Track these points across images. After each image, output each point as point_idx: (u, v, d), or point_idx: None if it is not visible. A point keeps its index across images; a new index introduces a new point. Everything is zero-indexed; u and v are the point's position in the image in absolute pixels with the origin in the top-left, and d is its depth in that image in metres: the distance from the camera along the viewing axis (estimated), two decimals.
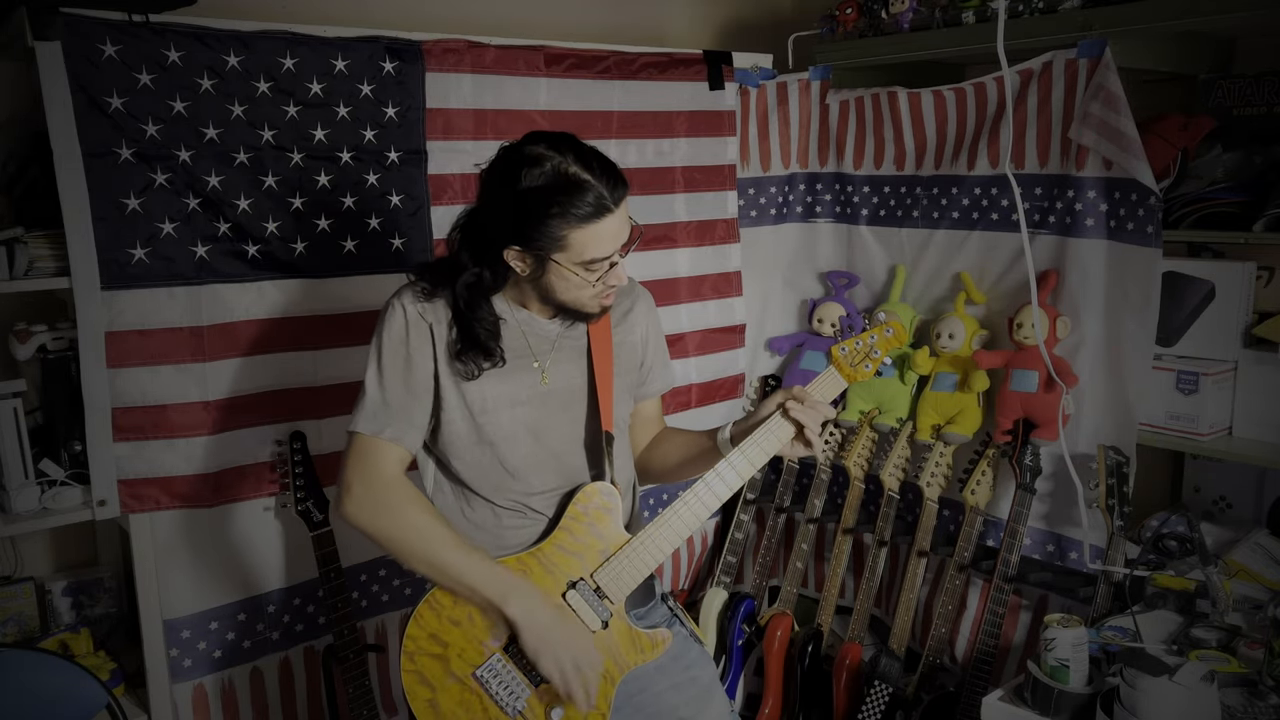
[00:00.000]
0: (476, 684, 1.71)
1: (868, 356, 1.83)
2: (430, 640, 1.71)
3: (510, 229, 1.63)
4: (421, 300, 1.72)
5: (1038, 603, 2.55)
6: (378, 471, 1.70)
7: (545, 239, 1.61)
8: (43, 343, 2.18)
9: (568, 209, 1.59)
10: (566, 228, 1.60)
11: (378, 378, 1.71)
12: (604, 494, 1.78)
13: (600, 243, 1.63)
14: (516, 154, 1.64)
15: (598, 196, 1.60)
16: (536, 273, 1.67)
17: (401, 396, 1.71)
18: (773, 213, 3.03)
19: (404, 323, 1.71)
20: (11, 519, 2.09)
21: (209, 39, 2.11)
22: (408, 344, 1.70)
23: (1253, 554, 2.27)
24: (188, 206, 2.14)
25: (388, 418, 1.70)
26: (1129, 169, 2.25)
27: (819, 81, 2.91)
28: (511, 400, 1.75)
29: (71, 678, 2.02)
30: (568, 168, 1.61)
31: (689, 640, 1.91)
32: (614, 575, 1.75)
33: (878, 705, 2.55)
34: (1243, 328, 2.30)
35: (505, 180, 1.63)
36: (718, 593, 2.88)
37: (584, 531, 1.76)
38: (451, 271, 1.71)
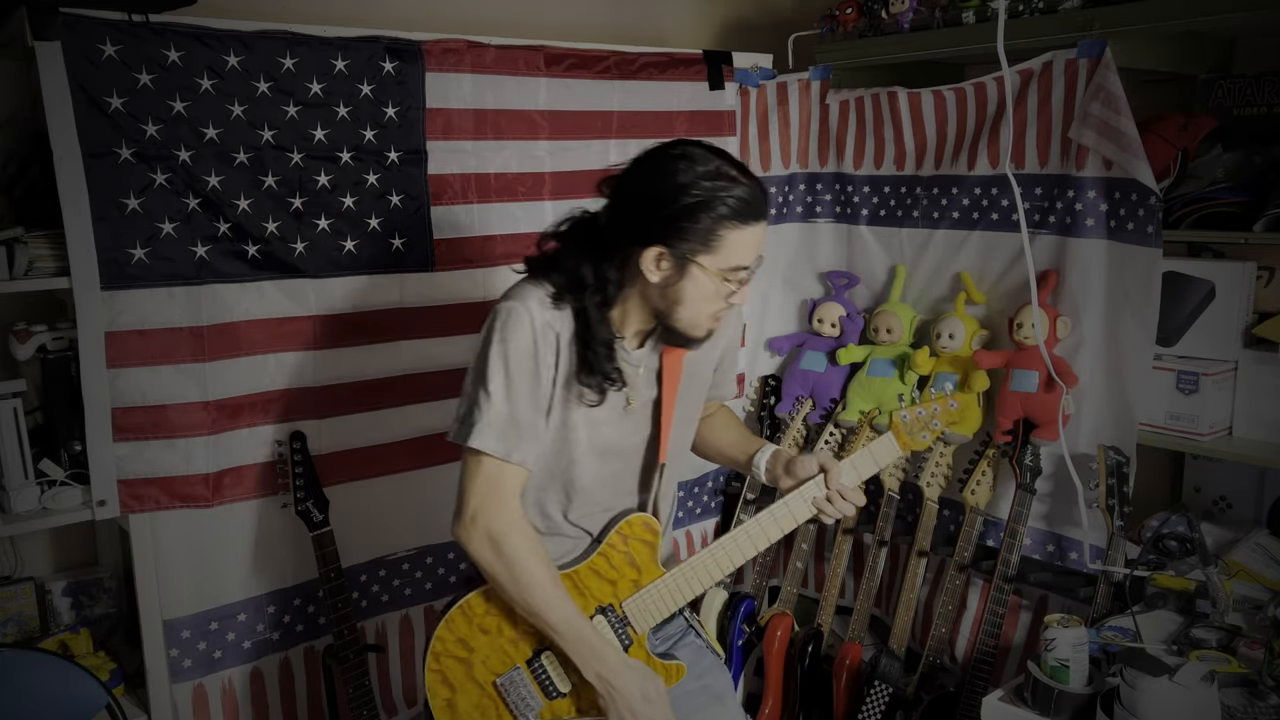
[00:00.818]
0: (495, 691, 1.73)
1: (927, 426, 1.91)
2: (458, 644, 1.73)
3: (660, 227, 1.59)
4: (550, 308, 1.65)
5: (1038, 603, 2.55)
6: (506, 507, 1.67)
7: (699, 237, 1.58)
8: (43, 343, 2.18)
9: (730, 205, 1.58)
10: (724, 226, 1.58)
11: (505, 391, 1.64)
12: (647, 526, 1.79)
13: (747, 249, 1.63)
14: (670, 152, 1.62)
15: (755, 198, 1.61)
16: (671, 279, 1.62)
17: (530, 414, 1.66)
18: (773, 213, 3.03)
19: (532, 332, 1.64)
20: (11, 519, 2.09)
21: (209, 39, 2.11)
22: (536, 356, 1.65)
23: (1253, 554, 2.27)
24: (188, 206, 2.14)
25: (517, 438, 1.65)
26: (1129, 169, 2.25)
27: (819, 81, 2.91)
28: (594, 420, 1.73)
29: (71, 678, 2.02)
30: (728, 169, 1.60)
31: (703, 650, 1.93)
32: (642, 606, 1.77)
33: (878, 705, 2.55)
34: (1243, 328, 2.30)
35: (660, 175, 1.59)
36: (718, 593, 2.88)
37: (621, 559, 1.77)
38: (571, 283, 1.65)
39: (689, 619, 1.94)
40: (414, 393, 2.47)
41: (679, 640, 1.90)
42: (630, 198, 1.64)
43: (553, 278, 1.67)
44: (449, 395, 2.52)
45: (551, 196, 2.62)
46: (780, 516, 1.82)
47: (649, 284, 1.64)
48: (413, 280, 2.43)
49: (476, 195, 2.50)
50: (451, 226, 2.47)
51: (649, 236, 1.60)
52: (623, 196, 1.65)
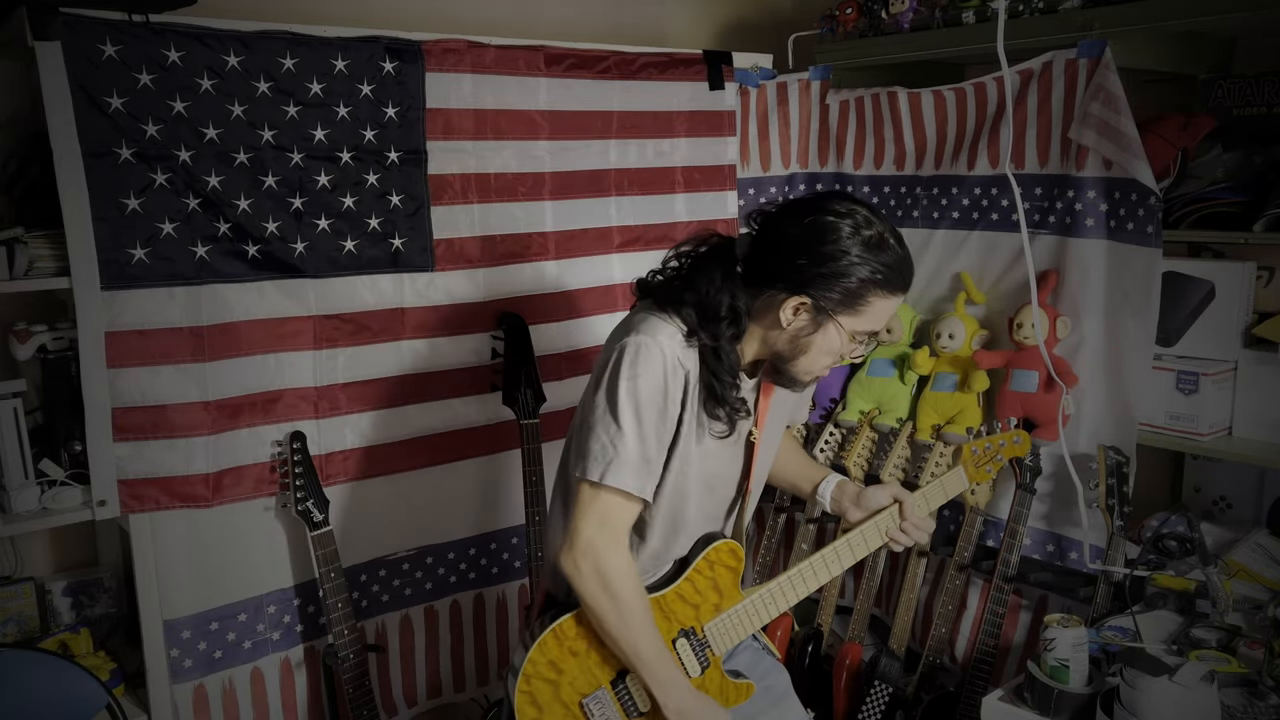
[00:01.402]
0: (580, 712, 1.75)
1: (992, 460, 2.00)
2: (549, 666, 1.74)
3: (812, 280, 1.60)
4: (682, 345, 1.65)
5: (1038, 603, 2.55)
6: (618, 543, 1.67)
7: (848, 298, 1.61)
8: (43, 343, 2.18)
9: (885, 275, 1.60)
10: (873, 293, 1.61)
11: (637, 430, 1.63)
12: (733, 553, 1.81)
13: (886, 316, 1.66)
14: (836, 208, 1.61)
15: (908, 272, 1.64)
16: (804, 330, 1.64)
17: (656, 452, 1.66)
18: None
19: (663, 370, 1.63)
20: (11, 519, 2.09)
21: (209, 39, 2.11)
22: (666, 394, 1.64)
23: (1253, 554, 2.27)
24: (188, 206, 2.14)
25: (647, 477, 1.66)
26: (1129, 169, 2.25)
27: (819, 81, 2.91)
28: (709, 452, 1.74)
29: (71, 678, 2.02)
30: (889, 238, 1.62)
31: (762, 653, 1.97)
32: (722, 630, 1.80)
33: (878, 705, 2.55)
34: (1243, 328, 2.30)
35: (825, 231, 1.59)
36: None
37: (705, 585, 1.80)
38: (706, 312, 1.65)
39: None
40: (414, 393, 2.47)
41: (740, 646, 1.91)
42: (787, 244, 1.63)
43: (682, 310, 1.66)
44: (449, 395, 2.52)
45: (551, 197, 2.62)
46: (855, 545, 1.88)
47: (779, 328, 1.66)
48: (413, 280, 2.43)
49: (476, 195, 2.50)
50: (451, 226, 2.47)
51: (798, 286, 1.62)
52: (778, 239, 1.65)
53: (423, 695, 2.63)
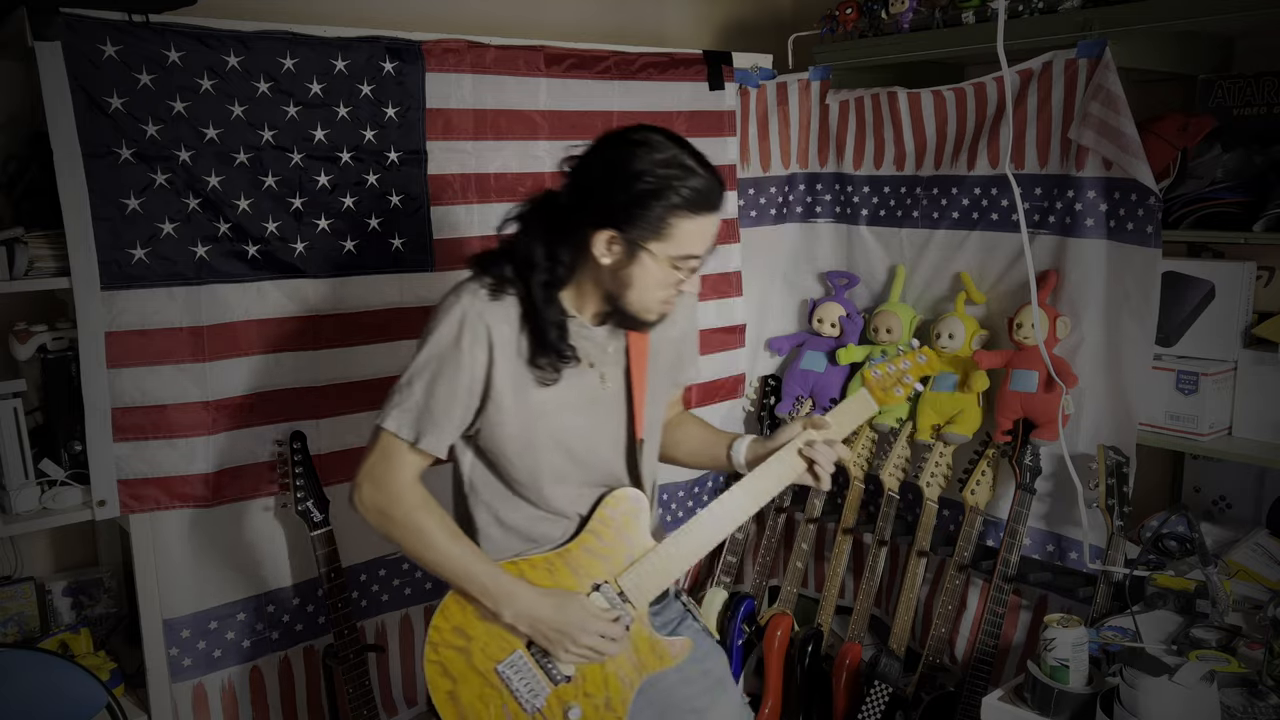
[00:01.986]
0: (498, 679, 1.73)
1: (900, 381, 1.90)
2: (455, 633, 1.72)
3: (613, 211, 1.61)
4: (485, 299, 1.68)
5: (1038, 603, 2.55)
6: (395, 478, 1.69)
7: (650, 224, 1.60)
8: (43, 343, 2.18)
9: (683, 195, 1.59)
10: (676, 215, 1.60)
11: (427, 381, 1.67)
12: (633, 500, 1.79)
13: (699, 239, 1.64)
14: (629, 138, 1.63)
15: (711, 189, 1.62)
16: (621, 264, 1.64)
17: (445, 403, 1.68)
18: (773, 213, 3.03)
19: (459, 323, 1.67)
20: (11, 519, 2.09)
21: (209, 39, 2.11)
22: (460, 346, 1.67)
23: (1253, 554, 2.27)
24: (188, 207, 2.14)
25: (428, 424, 1.68)
26: (1129, 169, 2.25)
27: (819, 81, 2.91)
28: (565, 405, 1.73)
29: (71, 678, 2.02)
30: (685, 159, 1.61)
31: (701, 634, 1.93)
32: (638, 580, 1.77)
33: (878, 705, 2.55)
34: (1243, 328, 2.30)
35: (617, 161, 1.61)
36: (718, 592, 2.88)
37: (611, 535, 1.77)
38: (520, 263, 1.68)
39: (686, 604, 1.94)
40: None
41: (679, 625, 1.91)
42: (587, 180, 1.66)
43: (501, 267, 1.69)
44: None
45: None
46: (768, 476, 1.81)
47: (601, 266, 1.66)
48: (413, 280, 2.43)
49: (476, 195, 2.50)
50: (451, 226, 2.47)
51: (602, 220, 1.62)
52: (581, 178, 1.67)
53: (423, 693, 2.63)
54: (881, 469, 2.71)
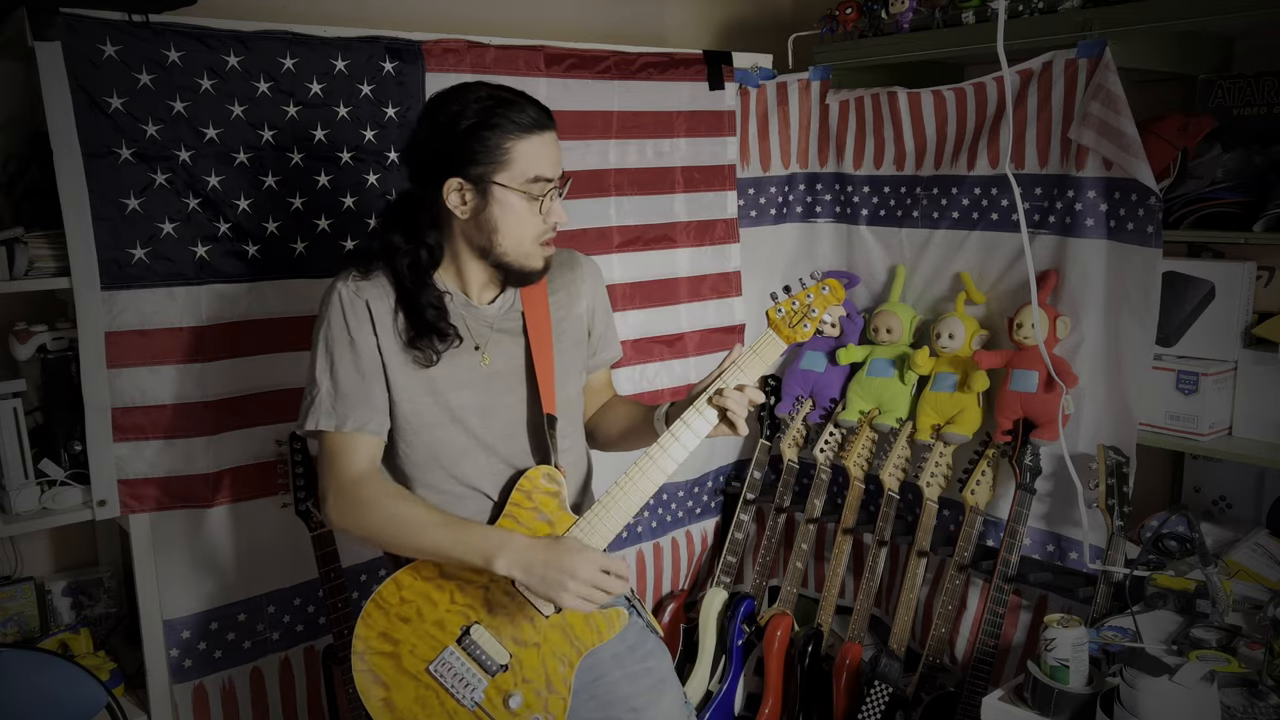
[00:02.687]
0: (432, 678, 1.70)
1: (806, 316, 1.80)
2: (380, 639, 1.71)
3: (449, 159, 1.63)
4: (356, 279, 1.72)
5: (1038, 603, 2.55)
6: (345, 470, 1.69)
7: (487, 155, 1.62)
8: (43, 343, 2.18)
9: (507, 119, 1.63)
10: (509, 139, 1.63)
11: (327, 368, 1.70)
12: (547, 478, 1.77)
13: (541, 160, 1.65)
14: (441, 95, 1.68)
15: (535, 110, 1.66)
16: (478, 208, 1.66)
17: (354, 382, 1.69)
18: (772, 213, 3.03)
19: (340, 307, 1.70)
20: (11, 519, 2.09)
21: (209, 39, 2.11)
22: (348, 328, 1.70)
23: (1253, 554, 2.27)
24: (188, 206, 2.14)
25: (346, 408, 1.69)
26: (1129, 169, 2.25)
27: (819, 81, 2.91)
28: (457, 382, 1.74)
29: (71, 678, 2.02)
30: (500, 93, 1.66)
31: (645, 631, 1.91)
32: None
33: (878, 705, 2.55)
34: (1243, 328, 2.30)
35: (437, 114, 1.66)
36: (718, 593, 2.88)
37: (529, 516, 1.75)
38: (383, 250, 1.71)
39: (630, 598, 1.90)
40: None
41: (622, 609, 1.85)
42: (418, 145, 1.69)
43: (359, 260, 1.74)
44: None
45: None
46: (681, 433, 1.74)
47: (463, 222, 1.68)
48: None
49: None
50: None
51: (442, 172, 1.65)
52: (413, 148, 1.70)
53: None
54: (881, 469, 2.71)
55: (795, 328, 1.80)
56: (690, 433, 1.75)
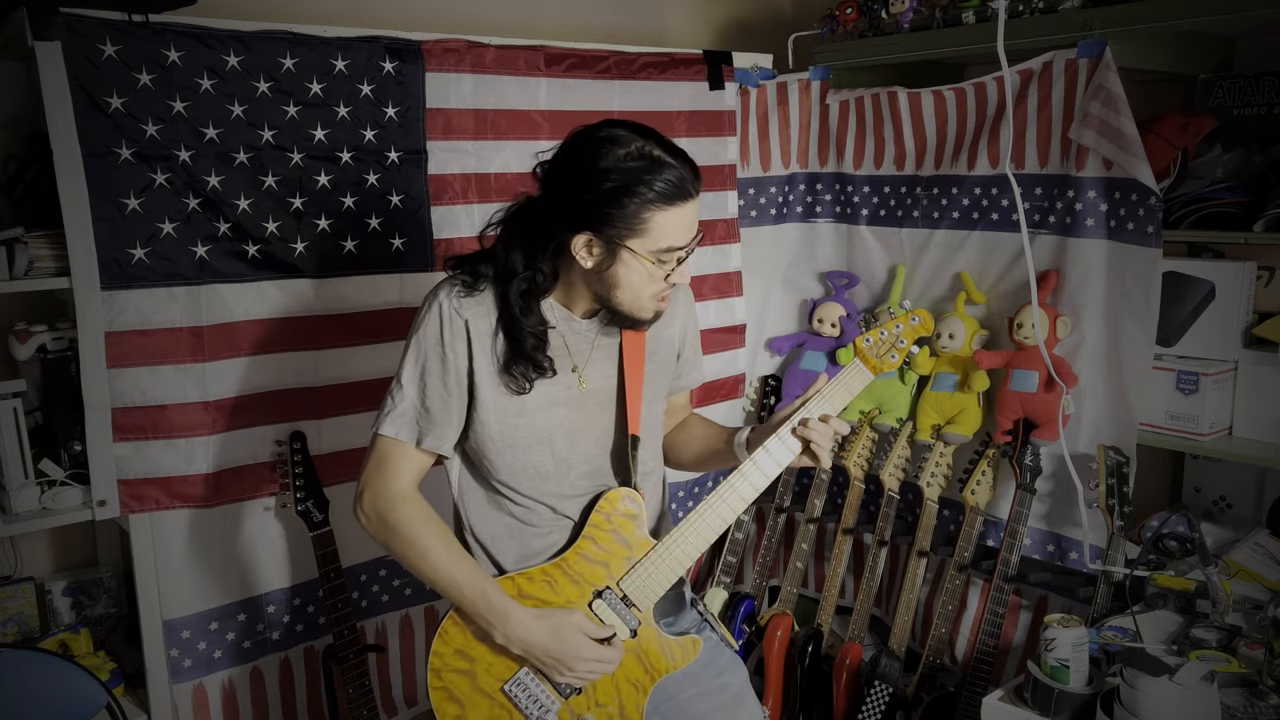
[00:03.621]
0: (505, 699, 1.70)
1: (894, 346, 1.80)
2: (457, 656, 1.70)
3: (586, 212, 1.58)
4: (460, 295, 1.67)
5: (1038, 603, 2.55)
6: (395, 484, 1.68)
7: (624, 221, 1.57)
8: (43, 343, 2.18)
9: (653, 188, 1.56)
10: (650, 209, 1.57)
11: (416, 378, 1.67)
12: (627, 500, 1.75)
13: (678, 230, 1.61)
14: (594, 136, 1.60)
15: (682, 179, 1.59)
16: (603, 264, 1.61)
17: (441, 397, 1.67)
18: (773, 213, 3.03)
19: (439, 320, 1.66)
20: (11, 519, 2.09)
21: (209, 39, 2.11)
22: (443, 343, 1.66)
23: (1253, 554, 2.27)
24: (188, 206, 2.14)
25: (428, 424, 1.67)
26: (1129, 169, 2.25)
27: (819, 81, 2.91)
28: (550, 401, 1.71)
29: (71, 678, 2.02)
30: (652, 150, 1.58)
31: (720, 646, 1.89)
32: (641, 582, 1.73)
33: (878, 705, 2.55)
34: (1243, 328, 2.30)
35: (584, 161, 1.58)
36: (718, 593, 2.88)
37: (609, 539, 1.74)
38: (500, 272, 1.66)
39: (703, 613, 1.90)
40: None
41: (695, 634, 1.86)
42: (557, 183, 1.63)
43: (479, 269, 1.68)
44: None
45: None
46: (763, 461, 1.74)
47: (584, 269, 1.64)
48: (412, 280, 2.43)
49: (477, 195, 2.50)
50: (451, 226, 2.47)
51: (577, 223, 1.59)
52: (551, 182, 1.64)
53: (423, 695, 2.63)
54: (881, 469, 2.71)
55: (883, 358, 1.80)
56: (771, 460, 1.75)
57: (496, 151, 2.51)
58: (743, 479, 1.75)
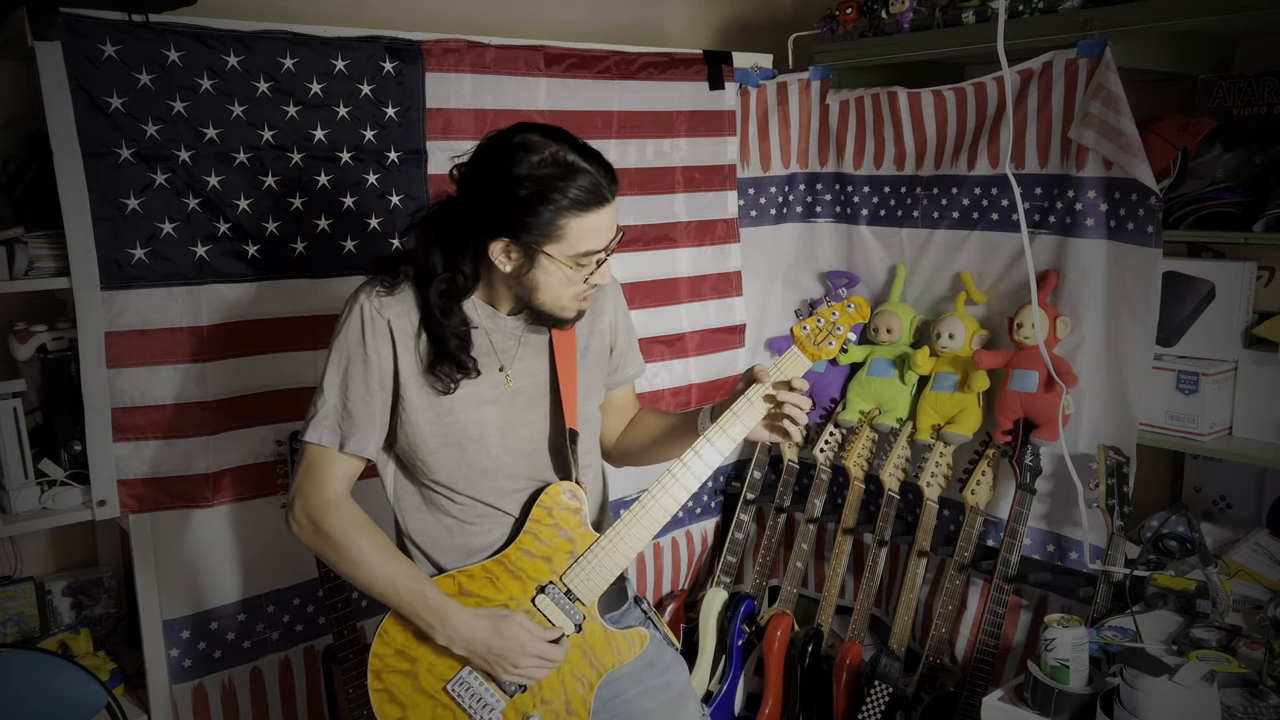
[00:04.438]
0: (449, 699, 1.68)
1: (830, 333, 1.79)
2: (397, 656, 1.68)
3: (501, 219, 1.58)
4: (381, 295, 1.66)
5: (1038, 603, 2.55)
6: (323, 489, 1.67)
7: (540, 228, 1.56)
8: (43, 343, 2.18)
9: (567, 195, 1.55)
10: (564, 216, 1.56)
11: (338, 382, 1.66)
12: (568, 494, 1.74)
13: (595, 234, 1.60)
14: (507, 142, 1.59)
15: (596, 184, 1.58)
16: (522, 269, 1.61)
17: (363, 399, 1.66)
18: (773, 213, 3.03)
19: (361, 322, 1.66)
20: (11, 519, 2.09)
21: (209, 39, 2.11)
22: (365, 344, 1.66)
23: (1253, 554, 2.27)
24: (188, 206, 2.14)
25: (350, 427, 1.66)
26: (1129, 169, 2.25)
27: (819, 81, 2.91)
28: (478, 400, 1.71)
29: (71, 678, 2.02)
30: (566, 155, 1.57)
31: (663, 645, 1.89)
32: (584, 576, 1.72)
33: (878, 705, 2.55)
34: (1243, 328, 2.30)
35: (497, 168, 1.57)
36: (718, 593, 2.88)
37: (550, 533, 1.73)
38: (419, 273, 1.66)
39: (647, 611, 1.89)
40: None
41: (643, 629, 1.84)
42: (472, 189, 1.62)
43: (400, 269, 1.68)
44: None
45: None
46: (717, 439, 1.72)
47: (503, 271, 1.63)
48: None
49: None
50: None
51: (493, 229, 1.59)
52: (467, 187, 1.63)
53: None
54: (881, 469, 2.71)
55: (820, 345, 1.79)
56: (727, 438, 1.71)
57: None
58: (695, 457, 1.72)
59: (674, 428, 1.87)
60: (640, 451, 1.95)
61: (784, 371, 1.74)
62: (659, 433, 1.91)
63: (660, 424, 1.92)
